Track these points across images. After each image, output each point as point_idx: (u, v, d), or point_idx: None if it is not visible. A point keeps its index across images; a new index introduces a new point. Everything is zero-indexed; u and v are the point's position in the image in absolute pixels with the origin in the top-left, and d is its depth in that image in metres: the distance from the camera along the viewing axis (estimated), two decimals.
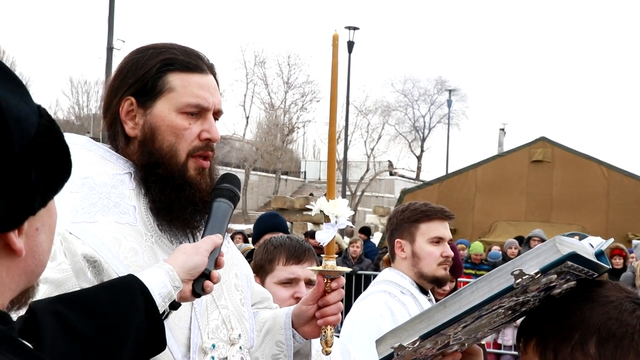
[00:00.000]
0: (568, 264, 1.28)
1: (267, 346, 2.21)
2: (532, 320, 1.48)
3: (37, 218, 1.08)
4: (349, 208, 1.99)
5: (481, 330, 1.51)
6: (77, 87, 53.70)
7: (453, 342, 1.49)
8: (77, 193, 1.87)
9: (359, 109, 45.57)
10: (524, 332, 1.48)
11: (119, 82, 1.99)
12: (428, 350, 1.47)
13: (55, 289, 1.71)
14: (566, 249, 1.27)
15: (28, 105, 1.05)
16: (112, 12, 18.43)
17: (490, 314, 1.40)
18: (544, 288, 1.38)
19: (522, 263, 1.29)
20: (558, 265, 1.27)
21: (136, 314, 1.63)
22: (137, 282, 1.67)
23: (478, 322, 1.42)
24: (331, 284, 2.04)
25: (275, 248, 2.84)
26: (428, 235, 3.44)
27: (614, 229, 15.14)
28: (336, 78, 2.01)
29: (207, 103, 1.97)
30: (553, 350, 1.40)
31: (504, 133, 49.16)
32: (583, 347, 1.37)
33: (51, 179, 1.07)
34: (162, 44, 2.03)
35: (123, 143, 1.99)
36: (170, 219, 1.95)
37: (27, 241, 1.07)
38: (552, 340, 1.40)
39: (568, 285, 1.43)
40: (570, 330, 1.39)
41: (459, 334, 1.45)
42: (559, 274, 1.32)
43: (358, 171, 44.54)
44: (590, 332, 1.37)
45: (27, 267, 1.09)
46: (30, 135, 1.03)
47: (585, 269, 1.37)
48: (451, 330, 1.40)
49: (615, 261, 10.51)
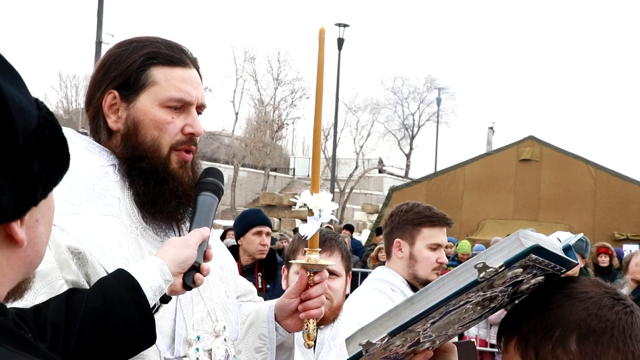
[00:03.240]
0: (532, 257, 1.27)
1: (250, 339, 2.22)
2: (512, 318, 1.47)
3: (37, 209, 1.09)
4: (333, 202, 2.00)
5: (451, 327, 1.49)
6: (65, 82, 53.45)
7: (424, 340, 1.48)
8: (62, 185, 1.86)
9: (348, 106, 45.62)
10: (504, 331, 1.48)
11: (101, 75, 1.99)
12: (398, 348, 1.45)
13: (39, 280, 1.71)
14: (529, 242, 1.26)
15: (27, 97, 1.06)
16: (101, 7, 18.35)
17: (458, 309, 1.39)
18: (512, 283, 1.37)
19: (487, 257, 1.28)
20: (522, 259, 1.26)
21: (127, 308, 1.63)
22: (127, 276, 1.67)
23: (447, 318, 1.41)
24: (314, 278, 2.06)
25: (299, 239, 2.89)
26: (428, 240, 3.50)
27: (601, 227, 15.24)
28: (322, 71, 2.01)
29: (190, 97, 1.97)
30: (534, 348, 1.40)
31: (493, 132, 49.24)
32: (564, 344, 1.36)
33: (52, 170, 1.09)
34: (145, 37, 2.02)
35: (105, 136, 1.99)
36: (154, 211, 1.95)
37: (28, 232, 1.08)
38: (533, 339, 1.40)
39: (536, 280, 1.42)
40: (550, 328, 1.39)
41: (429, 330, 1.44)
42: (524, 268, 1.31)
43: (347, 168, 44.53)
44: (571, 328, 1.37)
45: (27, 257, 1.10)
46: (33, 126, 1.04)
47: (551, 264, 1.37)
48: (420, 326, 1.38)
49: (602, 259, 10.57)
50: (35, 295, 1.69)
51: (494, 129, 49.37)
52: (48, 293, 1.69)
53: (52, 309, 1.60)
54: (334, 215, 2.04)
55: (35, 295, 1.69)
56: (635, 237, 14.94)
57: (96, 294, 1.64)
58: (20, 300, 1.22)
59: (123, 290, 1.64)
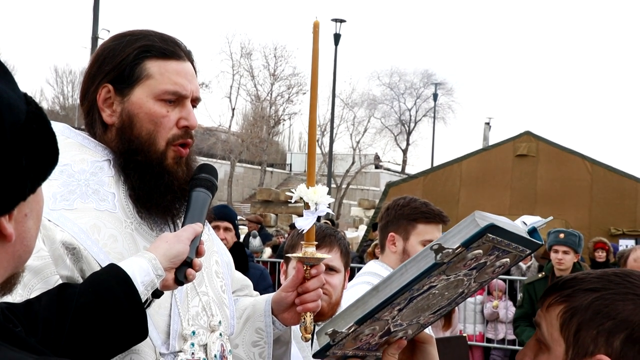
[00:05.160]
0: (489, 236, 1.26)
1: (247, 333, 2.22)
2: (572, 285, 1.44)
3: (26, 204, 1.08)
4: (328, 195, 1.99)
5: (422, 315, 1.48)
6: (62, 77, 53.39)
7: (395, 329, 1.46)
8: (56, 180, 1.86)
9: (345, 101, 45.61)
10: (556, 291, 1.45)
11: (96, 69, 1.98)
12: (369, 338, 1.44)
13: (34, 276, 1.71)
14: (485, 222, 1.24)
15: (15, 92, 1.05)
16: (97, 2, 18.32)
17: (423, 295, 1.38)
18: (475, 266, 1.36)
19: (445, 240, 1.27)
20: (478, 239, 1.25)
21: (118, 302, 1.63)
22: (119, 271, 1.66)
23: (414, 305, 1.40)
24: (311, 271, 2.05)
25: (298, 234, 2.87)
26: (423, 236, 3.48)
27: (597, 223, 15.26)
28: (317, 65, 2.00)
29: (185, 90, 1.96)
30: (578, 325, 1.38)
31: (489, 127, 49.30)
32: (609, 337, 1.35)
33: (40, 165, 1.08)
34: (139, 30, 2.02)
35: (100, 130, 1.98)
36: (149, 206, 1.94)
37: (16, 227, 1.07)
38: (582, 315, 1.38)
39: (501, 263, 1.41)
40: (604, 316, 1.37)
41: (398, 319, 1.42)
42: (485, 249, 1.30)
43: (344, 164, 44.54)
44: (623, 326, 1.35)
45: (16, 252, 1.09)
46: (21, 121, 1.03)
47: (512, 244, 1.35)
48: (387, 313, 1.37)
49: (598, 254, 10.56)
50: (30, 290, 1.69)
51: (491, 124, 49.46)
52: (43, 289, 1.69)
53: (43, 303, 1.60)
54: (330, 209, 2.03)
55: (30, 290, 1.69)
56: (632, 233, 14.97)
57: (88, 288, 1.64)
58: (10, 295, 1.22)
59: (115, 285, 1.64)
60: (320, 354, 1.43)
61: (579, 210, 15.76)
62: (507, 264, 1.43)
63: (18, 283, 1.19)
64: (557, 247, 6.96)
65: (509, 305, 9.93)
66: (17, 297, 1.66)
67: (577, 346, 1.39)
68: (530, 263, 10.71)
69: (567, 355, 1.40)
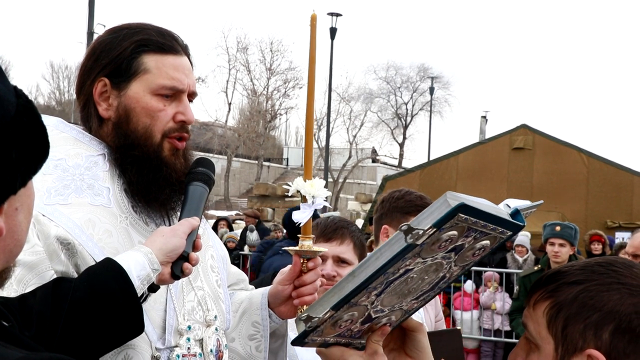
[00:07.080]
0: (461, 217, 1.23)
1: (243, 327, 2.21)
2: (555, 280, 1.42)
3: (17, 198, 1.07)
4: (326, 189, 1.99)
5: (404, 301, 1.46)
6: (57, 72, 53.33)
7: (376, 315, 1.44)
8: (50, 175, 1.85)
9: (341, 95, 45.61)
10: (540, 288, 1.43)
11: (92, 62, 1.96)
12: (349, 324, 1.42)
13: (29, 271, 1.70)
14: (455, 202, 1.22)
15: (5, 85, 1.04)
16: None
17: (400, 279, 1.35)
18: (453, 248, 1.34)
19: (418, 222, 1.24)
20: (450, 219, 1.22)
21: (114, 297, 1.62)
22: (115, 265, 1.65)
23: (392, 290, 1.38)
24: (307, 264, 2.05)
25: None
26: None
27: (593, 216, 15.28)
28: (314, 59, 2.00)
29: (181, 85, 1.96)
30: (564, 320, 1.37)
31: (486, 120, 49.22)
32: (597, 329, 1.33)
33: (31, 158, 1.07)
34: (136, 24, 2.00)
35: (96, 124, 1.97)
36: (147, 199, 1.94)
37: (7, 220, 1.06)
38: (568, 310, 1.37)
39: (481, 245, 1.39)
40: (590, 308, 1.34)
41: (378, 304, 1.40)
42: (460, 230, 1.28)
43: (340, 158, 44.56)
44: (610, 318, 1.33)
45: (6, 246, 1.09)
46: (11, 114, 1.02)
47: (490, 225, 1.32)
48: (364, 299, 1.35)
49: (594, 247, 10.59)
50: (25, 286, 1.69)
51: (487, 117, 49.38)
52: (38, 284, 1.68)
53: (38, 298, 1.59)
54: (328, 202, 2.03)
55: (25, 286, 1.69)
56: (628, 225, 14.98)
57: (83, 283, 1.63)
58: (2, 289, 1.21)
59: (110, 279, 1.63)
60: (298, 340, 1.41)
61: (575, 202, 15.77)
62: (487, 246, 1.40)
63: (9, 278, 1.18)
64: (553, 239, 6.97)
65: (506, 297, 9.97)
66: (12, 292, 1.65)
67: (566, 342, 1.37)
68: (527, 256, 10.74)
69: (557, 352, 1.38)
